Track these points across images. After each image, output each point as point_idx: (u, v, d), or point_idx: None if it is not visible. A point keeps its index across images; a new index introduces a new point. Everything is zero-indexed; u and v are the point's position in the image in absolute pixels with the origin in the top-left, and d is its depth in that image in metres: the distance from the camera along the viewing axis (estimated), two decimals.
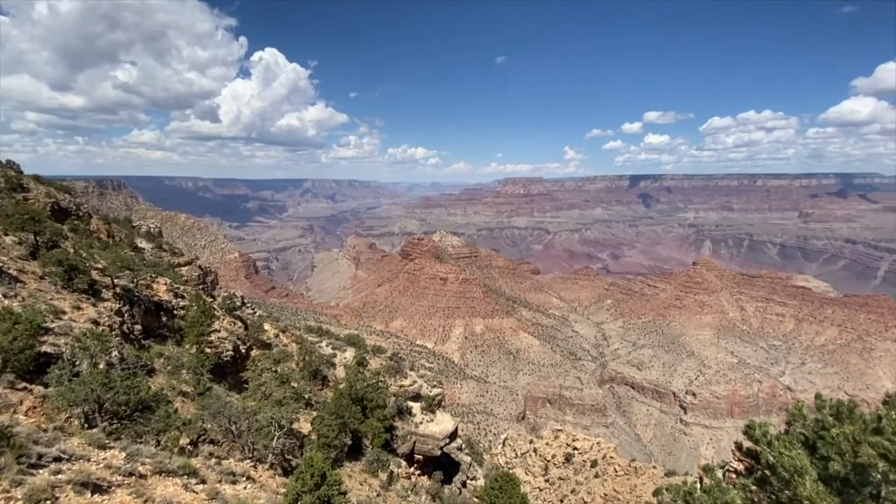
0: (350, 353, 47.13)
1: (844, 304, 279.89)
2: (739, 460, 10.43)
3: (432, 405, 41.41)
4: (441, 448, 37.70)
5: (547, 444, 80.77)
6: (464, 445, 47.99)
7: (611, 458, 72.46)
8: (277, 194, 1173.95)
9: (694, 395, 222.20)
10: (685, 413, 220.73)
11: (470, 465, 44.27)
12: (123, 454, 11.93)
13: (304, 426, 26.93)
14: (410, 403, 40.50)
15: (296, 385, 32.04)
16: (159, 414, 16.37)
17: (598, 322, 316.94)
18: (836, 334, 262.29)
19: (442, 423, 39.30)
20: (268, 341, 41.66)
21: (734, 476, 8.54)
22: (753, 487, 7.91)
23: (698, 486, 8.41)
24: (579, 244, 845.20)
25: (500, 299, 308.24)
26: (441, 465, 38.72)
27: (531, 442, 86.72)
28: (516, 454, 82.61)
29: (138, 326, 28.82)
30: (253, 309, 51.87)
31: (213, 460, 16.16)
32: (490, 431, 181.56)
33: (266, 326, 44.27)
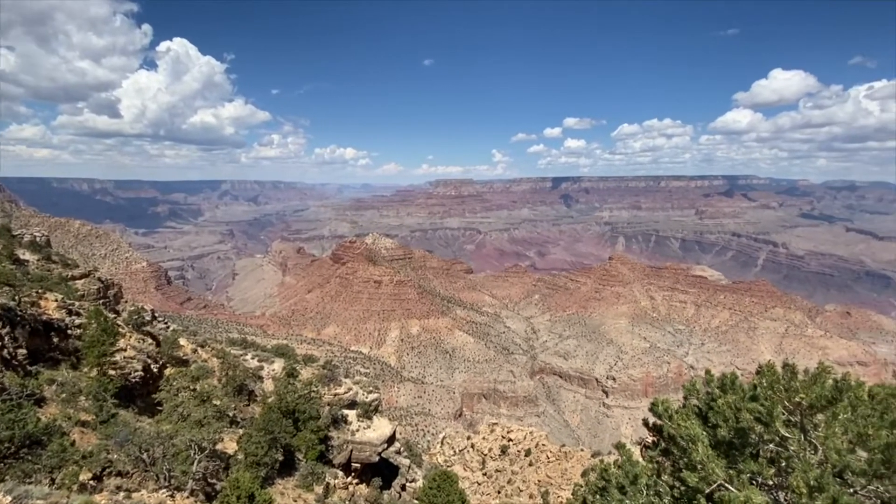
0: (279, 365, 44.84)
1: (733, 290, 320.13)
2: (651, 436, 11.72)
3: (369, 411, 40.79)
4: (379, 454, 37.25)
5: (483, 438, 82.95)
6: (402, 449, 47.78)
7: (543, 445, 76.23)
8: (192, 197, 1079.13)
9: (614, 379, 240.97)
10: (607, 397, 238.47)
11: (409, 467, 44.19)
12: (9, 498, 10.39)
13: (229, 446, 25.17)
14: (346, 411, 39.53)
15: (218, 403, 29.81)
16: (52, 448, 14.42)
17: (527, 317, 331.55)
18: (727, 317, 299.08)
19: (379, 429, 38.85)
20: (184, 358, 38.30)
21: (645, 450, 9.57)
22: (660, 458, 8.94)
23: (612, 462, 9.35)
24: (508, 243, 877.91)
25: (436, 299, 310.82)
26: (380, 471, 38.24)
27: (468, 438, 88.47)
28: (455, 451, 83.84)
29: (22, 350, 25.03)
30: (166, 323, 47.30)
31: (122, 494, 14.59)
32: (429, 432, 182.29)
33: (182, 342, 40.64)
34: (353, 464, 35.48)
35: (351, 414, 39.31)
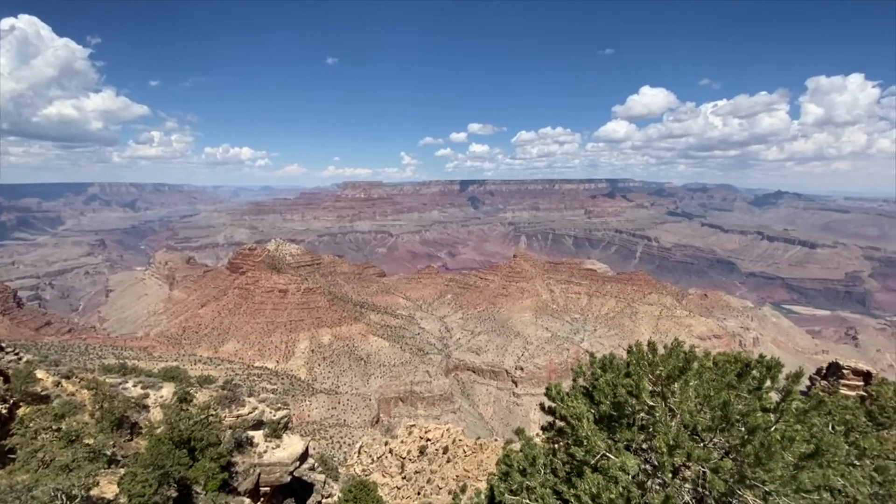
0: (168, 390, 39.99)
1: (617, 280, 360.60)
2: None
3: (277, 430, 38.32)
4: (291, 473, 35.21)
5: (402, 441, 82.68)
6: (317, 464, 45.72)
7: (460, 440, 78.32)
8: (48, 202, 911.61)
9: (521, 369, 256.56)
10: (516, 386, 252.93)
11: (325, 483, 42.45)
12: None
13: (108, 490, 21.87)
14: (251, 433, 36.66)
15: (91, 441, 25.72)
16: None
17: (441, 316, 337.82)
18: (614, 304, 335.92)
19: (290, 447, 36.72)
20: (43, 393, 32.30)
21: (543, 431, 10.56)
22: (555, 438, 9.95)
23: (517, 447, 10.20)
24: (420, 245, 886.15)
25: (348, 305, 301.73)
26: (293, 491, 36.19)
27: (386, 443, 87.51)
28: (373, 459, 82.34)
29: None
30: (17, 354, 39.42)
31: None
32: (345, 443, 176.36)
33: (40, 374, 34.23)
34: (261, 488, 33.09)
35: (257, 435, 36.60)
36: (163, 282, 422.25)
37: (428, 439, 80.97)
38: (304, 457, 37.52)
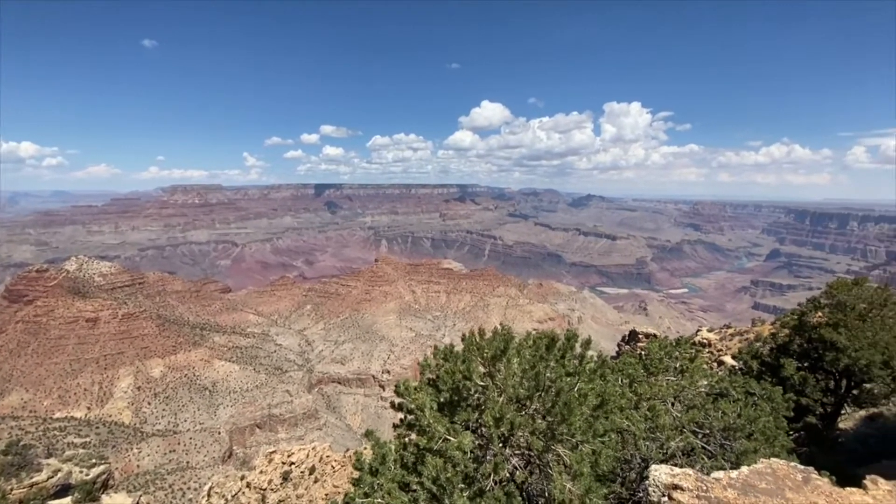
0: None
1: (470, 277, 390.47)
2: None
3: (93, 491, 31.37)
4: None
5: (261, 472, 75.04)
6: None
7: (327, 457, 74.68)
8: None
9: (388, 372, 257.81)
10: (384, 390, 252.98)
11: None
12: None
13: None
14: (54, 502, 29.12)
15: None
16: None
17: (300, 329, 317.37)
18: (469, 299, 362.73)
19: None
20: None
21: (395, 428, 11.09)
22: (406, 432, 10.57)
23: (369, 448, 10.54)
24: (272, 254, 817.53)
25: (184, 329, 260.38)
26: None
27: (242, 477, 78.32)
28: (226, 499, 73.00)
29: None
30: None
31: None
32: (190, 488, 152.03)
33: None
34: None
35: (65, 502, 29.32)
36: None
37: (292, 463, 75.27)
38: None
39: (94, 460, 38.06)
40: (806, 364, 25.16)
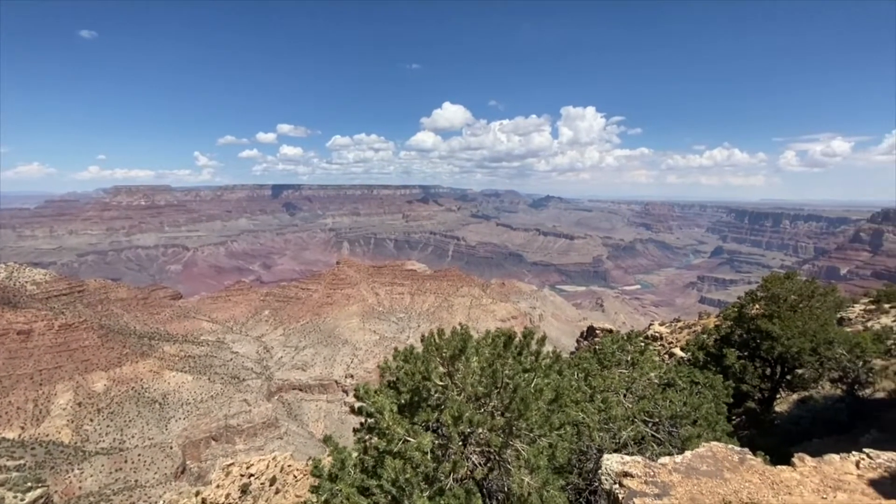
0: None
1: (435, 278, 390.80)
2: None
3: None
4: None
5: (218, 486, 71.67)
6: None
7: (288, 466, 72.35)
8: None
9: (352, 376, 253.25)
10: (347, 395, 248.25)
11: None
12: None
13: None
14: None
15: None
16: None
17: (258, 336, 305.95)
18: (433, 300, 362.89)
19: None
20: None
21: (355, 433, 10.97)
22: (366, 436, 10.48)
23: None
24: (226, 258, 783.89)
25: (130, 339, 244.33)
26: None
27: (197, 493, 74.49)
28: None
29: None
30: None
31: None
32: None
33: None
34: None
35: None
36: None
37: (251, 475, 72.34)
38: None
39: (29, 483, 35.13)
40: (746, 353, 27.13)
